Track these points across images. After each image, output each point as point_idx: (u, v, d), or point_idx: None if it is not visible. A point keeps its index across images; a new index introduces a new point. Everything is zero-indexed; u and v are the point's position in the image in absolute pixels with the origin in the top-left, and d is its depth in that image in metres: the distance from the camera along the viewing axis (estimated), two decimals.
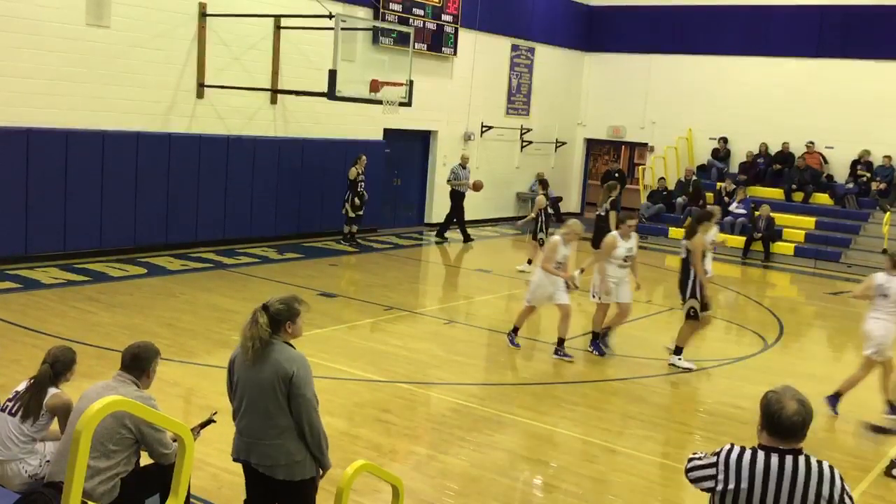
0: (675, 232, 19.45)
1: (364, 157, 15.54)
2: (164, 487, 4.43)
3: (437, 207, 19.62)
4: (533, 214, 14.54)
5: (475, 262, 15.61)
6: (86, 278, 11.72)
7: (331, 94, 12.98)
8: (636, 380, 8.96)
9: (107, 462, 4.31)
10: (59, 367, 4.83)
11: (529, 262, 13.79)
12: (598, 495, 6.16)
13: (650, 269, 16.45)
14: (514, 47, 21.15)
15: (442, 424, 7.39)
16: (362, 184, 15.57)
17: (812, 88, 19.91)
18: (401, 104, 14.18)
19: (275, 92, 15.15)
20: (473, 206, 20.49)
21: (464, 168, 17.74)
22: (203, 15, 13.98)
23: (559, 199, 22.33)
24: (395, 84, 14.09)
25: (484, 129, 20.49)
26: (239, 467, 4.54)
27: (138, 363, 4.56)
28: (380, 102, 14.03)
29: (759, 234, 17.93)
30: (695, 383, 9.05)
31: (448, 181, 17.70)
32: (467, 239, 17.72)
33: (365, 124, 16.95)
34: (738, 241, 18.24)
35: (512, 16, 20.88)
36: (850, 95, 19.41)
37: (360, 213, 15.77)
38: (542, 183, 15.08)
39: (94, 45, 12.74)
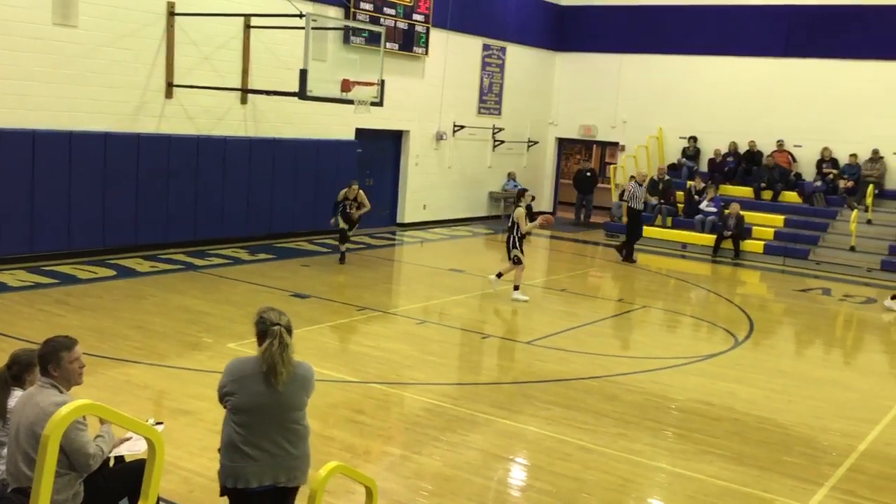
0: (648, 231, 19.62)
1: (356, 186, 14.26)
2: (133, 491, 4.38)
3: (410, 207, 19.61)
4: (529, 226, 12.85)
5: (448, 262, 15.60)
6: (54, 281, 11.56)
7: (302, 93, 12.91)
8: (609, 378, 9.00)
9: (61, 468, 4.24)
10: (15, 369, 4.73)
11: (499, 275, 12.80)
12: (572, 493, 6.17)
13: (622, 267, 16.55)
14: (486, 47, 21.18)
15: (415, 424, 7.37)
16: (349, 208, 14.19)
17: (780, 87, 20.14)
18: (372, 104, 14.13)
19: (245, 92, 15.05)
20: (446, 206, 20.53)
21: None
22: (171, 14, 13.85)
23: (531, 198, 22.41)
24: (366, 84, 14.04)
25: (456, 128, 20.50)
26: (210, 469, 4.46)
27: (44, 364, 4.36)
28: (351, 102, 13.98)
29: (729, 233, 18.09)
30: (667, 381, 9.11)
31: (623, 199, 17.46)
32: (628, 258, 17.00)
33: (337, 124, 16.89)
34: (709, 239, 18.41)
35: (483, 15, 20.91)
36: (817, 94, 19.66)
37: (347, 230, 14.37)
38: (521, 193, 13.44)
39: (61, 45, 12.57)
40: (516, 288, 12.45)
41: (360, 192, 14.27)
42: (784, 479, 6.60)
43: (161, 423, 5.01)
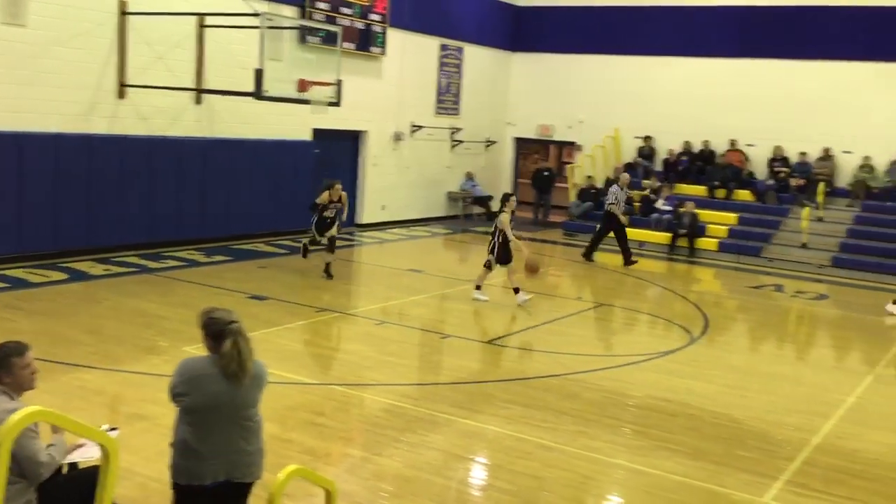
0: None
1: (339, 186, 13.27)
2: (87, 498, 4.30)
3: (369, 208, 19.55)
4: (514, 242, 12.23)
5: (407, 263, 15.59)
6: (4, 285, 11.31)
7: (257, 93, 12.80)
8: (568, 376, 9.06)
9: (13, 476, 4.15)
10: None
11: (516, 290, 12.24)
12: (532, 492, 6.20)
13: (580, 266, 16.68)
14: (444, 47, 21.20)
15: (375, 426, 7.36)
16: (334, 210, 13.26)
17: (733, 88, 20.44)
18: (330, 104, 14.06)
19: (199, 92, 14.88)
20: (405, 206, 20.51)
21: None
22: (124, 13, 13.63)
23: (489, 197, 22.49)
24: (323, 84, 13.97)
25: (414, 128, 20.48)
26: (167, 474, 4.40)
27: None
28: (308, 102, 13.89)
29: (684, 231, 18.33)
30: (625, 378, 9.20)
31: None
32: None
33: (294, 124, 16.77)
34: (664, 237, 18.63)
35: (440, 15, 20.93)
36: (769, 94, 20.00)
37: (324, 238, 13.28)
38: (505, 198, 12.63)
39: (10, 45, 12.31)
40: (478, 287, 12.47)
41: (344, 193, 13.43)
42: (739, 473, 6.71)
43: (116, 428, 4.94)
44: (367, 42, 18.50)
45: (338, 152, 18.77)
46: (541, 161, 25.12)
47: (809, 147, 19.72)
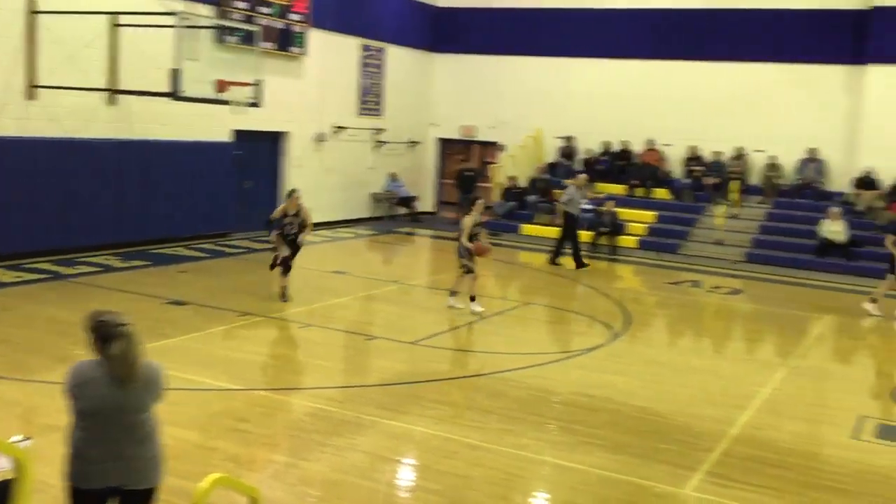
0: (529, 229, 20.03)
1: (298, 195, 11.92)
2: None
3: None
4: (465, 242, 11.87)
5: (331, 265, 15.46)
6: None
7: (174, 94, 12.52)
8: (494, 375, 9.12)
9: None
10: None
11: (453, 293, 12.03)
12: (459, 491, 6.22)
13: (504, 265, 16.82)
14: (366, 48, 21.11)
15: (301, 430, 7.27)
16: (291, 227, 11.74)
17: (649, 89, 20.89)
18: (250, 105, 13.85)
19: (113, 92, 14.45)
20: (328, 208, 20.32)
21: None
22: (33, 12, 13.16)
23: (414, 198, 22.50)
24: (242, 84, 13.75)
25: (336, 129, 20.33)
26: None
27: None
28: (227, 103, 13.65)
29: (606, 229, 18.66)
30: (550, 375, 9.31)
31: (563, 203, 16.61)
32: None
33: (213, 126, 16.45)
34: (587, 235, 18.88)
35: (361, 16, 20.83)
36: (684, 95, 20.50)
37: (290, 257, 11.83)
38: (472, 201, 12.37)
39: None
40: (453, 294, 12.06)
41: (303, 204, 11.87)
42: (661, 465, 6.85)
43: (29, 438, 4.77)
44: (287, 42, 18.28)
45: (259, 154, 18.50)
46: (464, 161, 25.21)
47: (723, 146, 20.30)
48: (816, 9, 19.50)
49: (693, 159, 20.67)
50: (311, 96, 19.35)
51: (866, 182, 18.71)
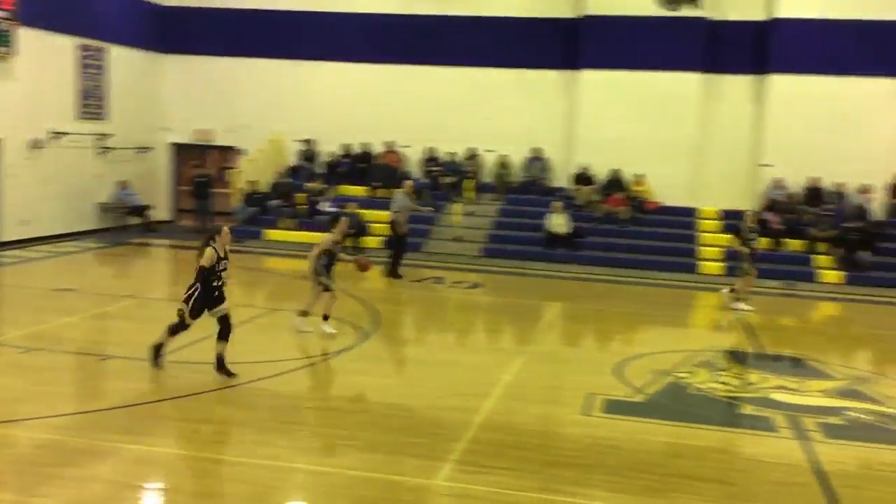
0: (272, 234, 19.73)
1: (227, 230, 9.56)
2: None
3: (8, 225, 17.61)
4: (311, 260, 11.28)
5: (56, 282, 14.26)
6: None
7: None
8: (244, 385, 8.87)
9: None
10: None
11: (303, 314, 11.39)
12: None
13: (249, 272, 16.42)
14: (84, 47, 19.68)
15: (30, 464, 6.64)
16: (221, 275, 9.34)
17: (383, 92, 21.36)
18: None
19: None
20: (50, 220, 18.74)
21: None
22: None
23: (147, 207, 21.33)
24: None
25: (54, 135, 18.78)
26: None
27: None
28: None
29: (350, 231, 18.79)
30: (301, 381, 9.23)
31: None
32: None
33: None
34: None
35: (77, 14, 19.40)
36: (417, 98, 21.16)
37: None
38: (333, 219, 11.93)
39: None
40: (303, 314, 11.35)
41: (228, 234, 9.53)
42: (413, 459, 7.02)
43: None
44: None
45: None
46: (198, 167, 24.28)
47: (457, 147, 21.21)
48: (535, 17, 20.93)
49: (430, 160, 21.40)
50: (24, 99, 17.75)
51: (584, 178, 20.39)
